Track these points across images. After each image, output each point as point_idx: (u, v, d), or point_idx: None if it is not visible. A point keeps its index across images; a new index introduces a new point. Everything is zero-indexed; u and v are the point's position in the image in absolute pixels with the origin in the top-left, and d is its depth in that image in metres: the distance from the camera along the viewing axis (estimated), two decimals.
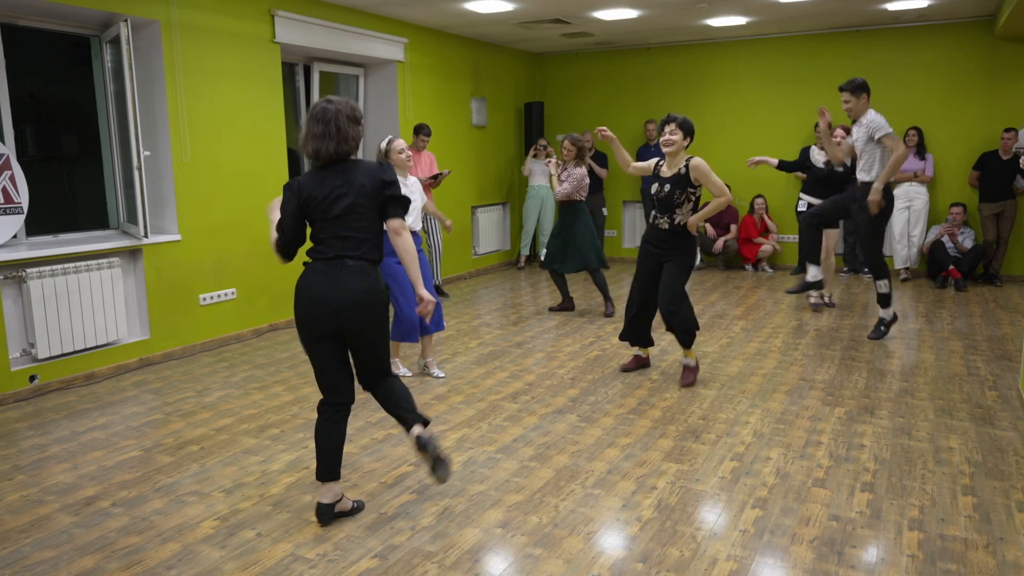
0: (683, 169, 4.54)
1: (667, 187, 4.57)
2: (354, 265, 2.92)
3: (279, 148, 6.51)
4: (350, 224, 2.93)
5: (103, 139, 5.76)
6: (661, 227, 4.68)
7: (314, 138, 2.92)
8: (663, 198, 4.60)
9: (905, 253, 8.33)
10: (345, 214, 2.92)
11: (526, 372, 5.16)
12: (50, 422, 4.36)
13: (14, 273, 4.79)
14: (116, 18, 5.21)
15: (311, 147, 2.94)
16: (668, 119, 4.56)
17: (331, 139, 2.91)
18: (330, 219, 2.93)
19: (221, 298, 6.04)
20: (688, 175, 4.53)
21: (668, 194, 4.57)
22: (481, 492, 3.36)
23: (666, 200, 4.59)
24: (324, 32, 6.80)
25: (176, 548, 2.93)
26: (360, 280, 2.92)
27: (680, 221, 4.61)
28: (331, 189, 2.92)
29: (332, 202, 2.92)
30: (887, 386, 4.74)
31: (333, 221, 2.93)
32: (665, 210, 4.63)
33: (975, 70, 8.25)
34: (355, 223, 2.93)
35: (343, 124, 2.92)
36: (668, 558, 2.79)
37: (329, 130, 2.90)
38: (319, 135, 2.91)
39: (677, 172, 4.56)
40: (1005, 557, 2.78)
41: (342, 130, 2.92)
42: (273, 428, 4.19)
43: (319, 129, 2.91)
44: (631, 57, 9.89)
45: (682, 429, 4.07)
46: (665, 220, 4.65)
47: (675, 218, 4.62)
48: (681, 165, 4.56)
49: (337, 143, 2.92)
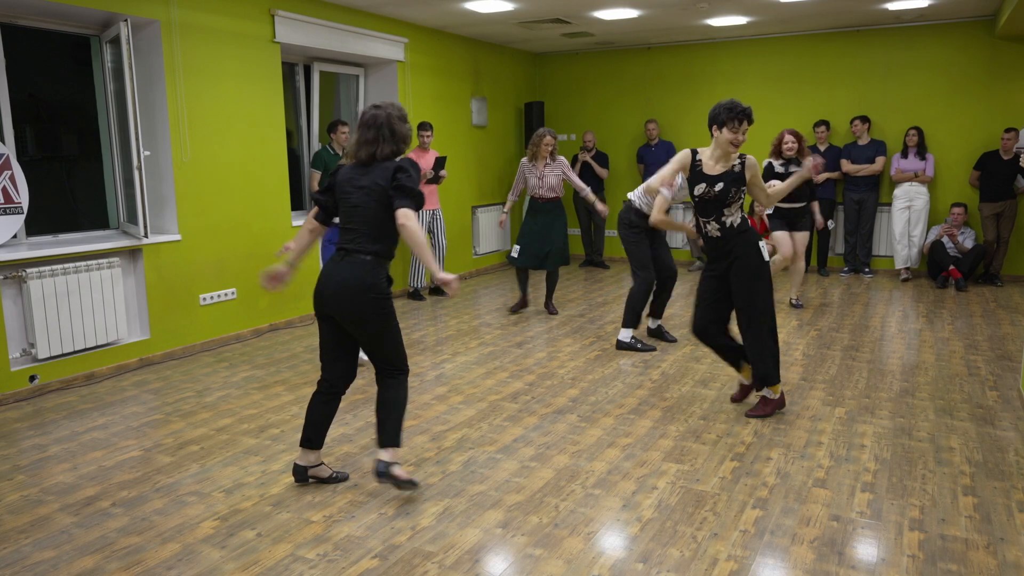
0: (738, 166, 4.03)
1: (719, 185, 4.00)
2: (353, 258, 3.12)
3: (279, 148, 6.51)
4: (357, 217, 3.13)
5: (103, 139, 5.76)
6: (712, 235, 4.09)
7: (367, 143, 3.12)
8: (713, 198, 4.02)
9: (905, 253, 8.32)
10: (356, 206, 3.13)
11: (526, 372, 5.16)
12: (50, 422, 4.36)
13: (14, 273, 4.79)
14: (116, 18, 5.21)
15: (364, 152, 3.13)
16: (747, 114, 3.97)
17: (386, 142, 3.12)
18: (346, 208, 3.17)
19: (221, 298, 6.04)
20: (744, 173, 4.02)
21: (721, 192, 4.00)
22: (481, 492, 3.36)
23: (717, 200, 4.02)
24: (324, 32, 6.79)
25: (176, 548, 2.93)
26: (352, 271, 3.10)
27: (733, 223, 4.05)
28: (353, 180, 3.15)
29: (348, 193, 3.16)
30: (887, 386, 4.74)
31: (348, 211, 3.16)
32: (712, 211, 4.05)
33: (976, 70, 8.24)
34: (361, 216, 3.12)
35: (396, 125, 3.14)
36: (668, 558, 2.79)
37: (382, 134, 3.11)
38: (371, 140, 3.11)
39: (731, 168, 4.02)
40: (1006, 557, 2.77)
41: (396, 132, 3.14)
42: (273, 428, 4.19)
43: (371, 135, 3.11)
44: (631, 57, 9.89)
45: (682, 429, 4.07)
46: (714, 225, 4.07)
47: (725, 220, 4.05)
48: (735, 162, 4.04)
49: (394, 144, 3.14)
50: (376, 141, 3.11)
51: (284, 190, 6.59)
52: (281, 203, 6.56)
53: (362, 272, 3.10)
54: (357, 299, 3.09)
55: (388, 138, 3.12)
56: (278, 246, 6.53)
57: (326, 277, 3.16)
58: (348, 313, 3.12)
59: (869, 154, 8.39)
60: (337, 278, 3.11)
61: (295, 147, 7.35)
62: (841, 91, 8.84)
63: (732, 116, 3.92)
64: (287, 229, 6.62)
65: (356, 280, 3.09)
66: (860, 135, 8.42)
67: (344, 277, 3.10)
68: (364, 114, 3.16)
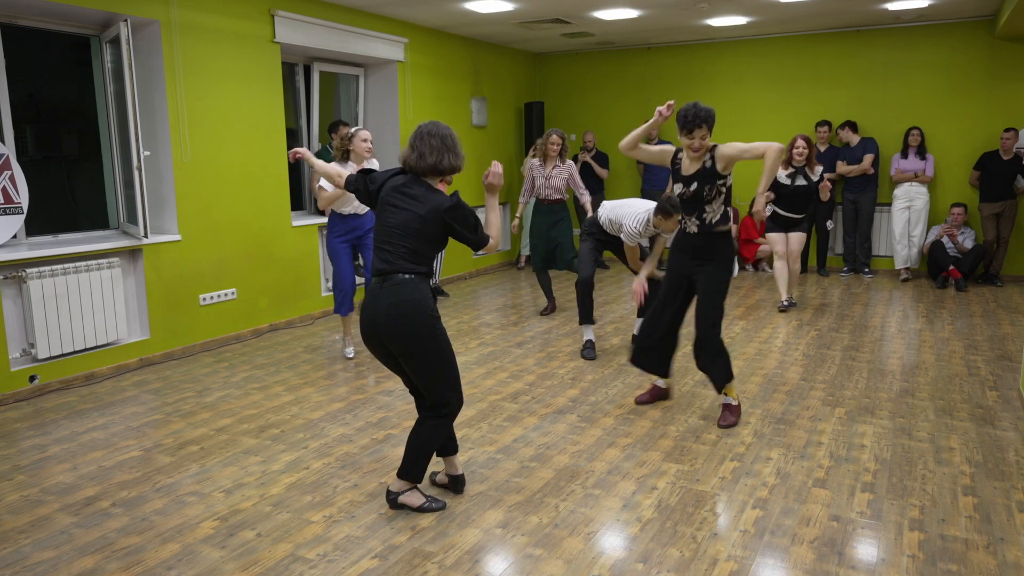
0: (708, 162, 3.93)
1: (694, 185, 3.95)
2: (393, 279, 2.99)
3: (279, 148, 6.51)
4: (395, 237, 3.02)
5: (103, 139, 5.76)
6: (690, 231, 4.04)
7: (433, 151, 3.04)
8: (691, 197, 3.98)
9: (905, 253, 8.32)
10: (396, 227, 3.03)
11: (526, 372, 5.16)
12: (50, 422, 4.36)
13: (14, 273, 4.79)
14: (116, 18, 5.21)
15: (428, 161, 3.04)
16: (695, 119, 3.81)
17: (450, 152, 3.07)
18: (384, 226, 3.07)
19: (221, 298, 6.04)
20: (715, 167, 3.92)
21: (696, 192, 3.95)
22: (481, 492, 3.35)
23: (694, 199, 3.98)
24: (324, 32, 6.79)
25: (176, 548, 2.93)
26: (398, 293, 2.97)
27: (712, 219, 3.98)
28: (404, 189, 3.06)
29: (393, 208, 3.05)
30: (887, 386, 4.74)
31: (386, 230, 3.05)
32: (692, 209, 4.00)
33: (975, 70, 8.24)
34: (400, 237, 3.02)
35: (456, 143, 3.12)
36: (668, 558, 2.79)
37: (447, 144, 3.06)
38: (437, 148, 3.04)
39: (702, 167, 3.94)
40: (1006, 557, 2.77)
41: (457, 148, 3.12)
42: (273, 428, 4.19)
43: (436, 143, 3.05)
44: (631, 57, 9.89)
45: (682, 429, 4.07)
46: (694, 222, 4.01)
47: (705, 216, 3.98)
48: (705, 158, 3.94)
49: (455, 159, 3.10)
50: (442, 150, 3.04)
51: (284, 190, 6.58)
52: (281, 203, 6.56)
53: (407, 292, 2.97)
54: (405, 321, 2.95)
55: (452, 147, 3.07)
56: (278, 246, 6.53)
57: (371, 308, 3.01)
58: (398, 338, 2.97)
59: (858, 154, 8.40)
60: (384, 303, 2.97)
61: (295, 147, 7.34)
62: (841, 91, 8.84)
63: (683, 125, 3.85)
64: (287, 229, 6.62)
65: (402, 299, 2.95)
66: (847, 140, 8.44)
67: (391, 301, 2.96)
68: (423, 126, 3.10)
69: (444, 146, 3.06)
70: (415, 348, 2.98)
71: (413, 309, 2.96)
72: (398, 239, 3.01)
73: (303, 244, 6.79)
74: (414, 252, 3.01)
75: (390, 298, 2.96)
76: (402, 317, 2.95)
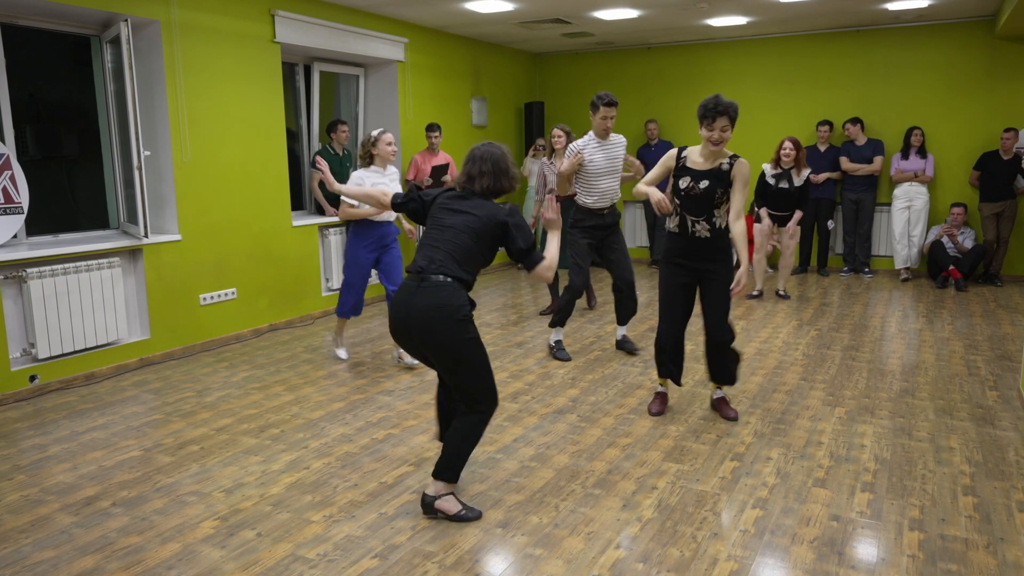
0: (726, 165, 3.80)
1: (704, 183, 3.79)
2: (432, 280, 2.94)
3: (279, 148, 6.51)
4: (446, 238, 3.01)
5: (103, 139, 5.76)
6: (700, 236, 3.88)
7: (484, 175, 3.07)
8: (699, 195, 3.80)
9: (905, 253, 8.32)
10: (450, 227, 3.02)
11: (526, 372, 5.16)
12: (50, 422, 4.36)
13: (14, 273, 4.79)
14: (116, 18, 5.21)
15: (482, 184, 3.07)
16: (716, 107, 3.67)
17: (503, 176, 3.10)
18: (436, 227, 3.06)
19: (221, 298, 6.04)
20: (730, 172, 3.80)
21: (707, 190, 3.79)
22: (481, 492, 3.35)
23: (703, 198, 3.81)
24: (324, 32, 6.79)
25: (176, 548, 2.93)
26: (435, 295, 2.92)
27: (721, 224, 3.88)
28: (451, 205, 3.07)
29: (445, 214, 3.06)
30: (887, 386, 4.74)
31: (438, 230, 3.04)
32: (702, 211, 3.84)
33: (975, 70, 8.24)
34: (451, 240, 3.00)
35: (511, 166, 3.13)
36: (668, 558, 2.79)
37: (500, 168, 3.09)
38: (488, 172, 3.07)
39: (718, 167, 3.80)
40: (1006, 557, 2.77)
41: (511, 172, 3.13)
42: (273, 428, 4.19)
43: (488, 167, 3.07)
44: (631, 57, 9.89)
45: (682, 429, 4.07)
46: (704, 226, 3.86)
47: (716, 221, 3.87)
48: (724, 160, 3.81)
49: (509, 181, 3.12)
50: (495, 174, 3.06)
51: (284, 190, 6.59)
52: (281, 203, 6.56)
53: (444, 295, 2.91)
54: (441, 324, 2.89)
55: (505, 170, 3.09)
56: (278, 246, 6.53)
57: (404, 306, 2.96)
58: (433, 340, 2.92)
59: (866, 154, 8.40)
60: (418, 304, 2.91)
61: (295, 147, 7.35)
62: (841, 91, 8.84)
63: (703, 114, 3.72)
64: (287, 229, 6.62)
65: (439, 303, 2.89)
66: (854, 136, 8.44)
67: (426, 303, 2.90)
68: (476, 149, 3.12)
69: (497, 169, 3.08)
70: (448, 353, 2.94)
71: (449, 314, 2.90)
72: (452, 238, 2.99)
73: (303, 244, 6.79)
74: (466, 254, 2.98)
75: (427, 300, 2.91)
76: (437, 322, 2.89)
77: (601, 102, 5.04)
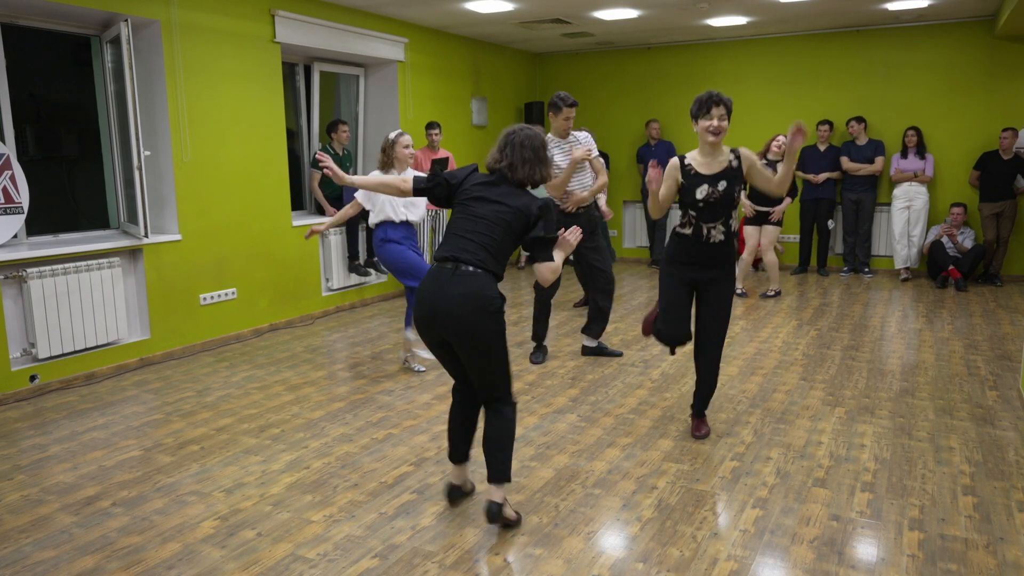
0: (735, 161, 3.69)
1: (722, 184, 3.64)
2: (464, 270, 2.85)
3: (279, 148, 6.51)
4: (480, 229, 2.91)
5: (103, 139, 5.76)
6: (715, 240, 3.70)
7: (524, 163, 2.98)
8: (718, 199, 3.65)
9: (905, 253, 8.33)
10: (483, 218, 2.92)
11: (526, 372, 5.16)
12: (50, 422, 4.37)
13: (14, 273, 4.79)
14: (116, 18, 5.21)
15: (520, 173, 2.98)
16: (710, 98, 3.59)
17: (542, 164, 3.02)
18: (467, 215, 2.95)
19: (221, 298, 6.04)
20: (741, 167, 3.69)
21: (727, 192, 3.65)
22: (482, 492, 3.35)
23: (722, 202, 3.66)
24: (324, 32, 6.80)
25: (176, 548, 2.93)
26: (469, 285, 2.83)
27: (735, 226, 3.80)
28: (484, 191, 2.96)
29: (477, 201, 2.95)
30: (887, 386, 4.74)
31: (469, 219, 2.93)
32: (719, 215, 3.68)
33: (975, 70, 8.25)
34: (486, 230, 2.90)
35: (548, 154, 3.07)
36: (668, 558, 2.79)
37: (539, 156, 3.01)
38: (528, 160, 2.98)
39: (728, 166, 3.67)
40: (1006, 557, 2.78)
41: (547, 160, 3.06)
42: (273, 428, 4.19)
43: (528, 155, 2.98)
44: (631, 57, 9.89)
45: (682, 429, 4.07)
46: (720, 229, 3.70)
47: (732, 223, 3.76)
48: (730, 157, 3.69)
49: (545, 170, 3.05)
50: (535, 163, 2.98)
51: (284, 190, 6.59)
52: (281, 203, 6.56)
53: (479, 285, 2.82)
54: (474, 315, 2.80)
55: (544, 159, 3.01)
56: (278, 246, 6.54)
57: (435, 295, 2.85)
58: (464, 331, 2.82)
59: (868, 154, 8.40)
60: (452, 293, 2.81)
61: (295, 147, 7.35)
62: (841, 91, 8.84)
63: (699, 106, 3.62)
64: (287, 229, 6.62)
65: (474, 293, 2.81)
66: (857, 135, 8.44)
67: (461, 292, 2.80)
68: (516, 134, 3.01)
69: (537, 158, 2.99)
70: (481, 343, 2.85)
71: (484, 304, 2.82)
72: (485, 229, 2.89)
73: (303, 244, 6.79)
74: (498, 245, 2.89)
75: (462, 288, 2.81)
76: (472, 312, 2.81)
77: (564, 104, 5.03)
